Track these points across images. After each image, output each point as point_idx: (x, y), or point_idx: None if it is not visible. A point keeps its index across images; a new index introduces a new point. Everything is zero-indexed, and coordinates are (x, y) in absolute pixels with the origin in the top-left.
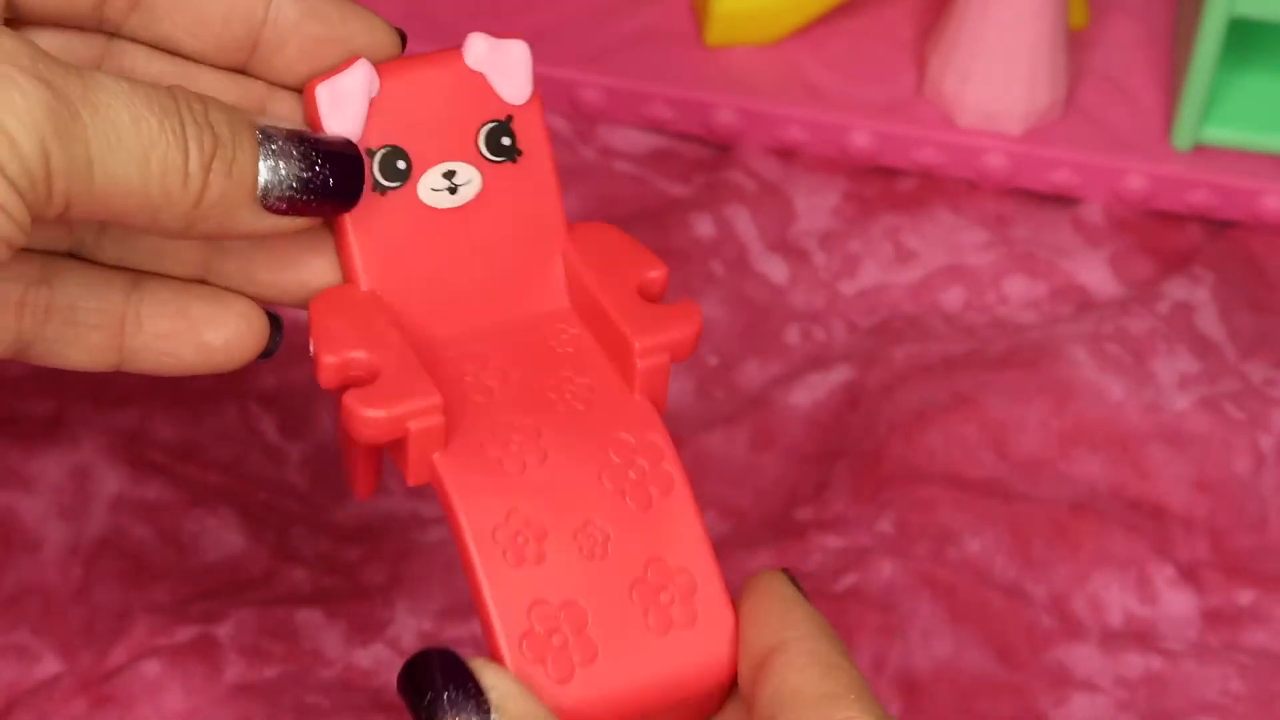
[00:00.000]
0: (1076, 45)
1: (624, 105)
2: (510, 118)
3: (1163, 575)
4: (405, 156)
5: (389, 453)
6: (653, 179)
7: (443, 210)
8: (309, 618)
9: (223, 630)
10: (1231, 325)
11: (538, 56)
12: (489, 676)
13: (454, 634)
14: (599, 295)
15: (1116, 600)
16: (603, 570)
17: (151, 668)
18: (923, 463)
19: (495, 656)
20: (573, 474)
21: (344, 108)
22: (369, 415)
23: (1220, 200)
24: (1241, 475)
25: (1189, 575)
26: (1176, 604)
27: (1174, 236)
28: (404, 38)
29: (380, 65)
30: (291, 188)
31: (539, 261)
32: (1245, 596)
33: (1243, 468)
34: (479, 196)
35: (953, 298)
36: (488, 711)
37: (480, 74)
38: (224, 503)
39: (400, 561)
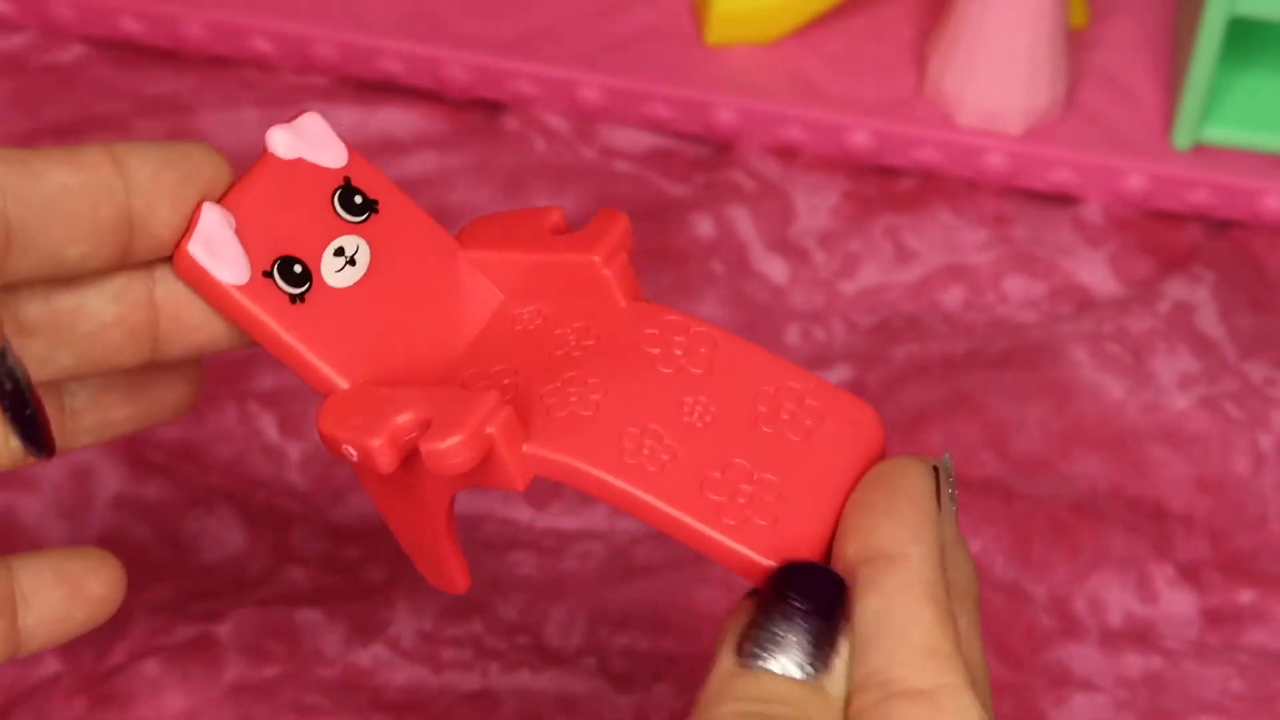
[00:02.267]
0: (1077, 45)
1: (624, 105)
2: (347, 179)
3: (1163, 575)
4: (295, 260)
5: (481, 483)
6: (652, 179)
7: (356, 285)
8: (309, 618)
9: (223, 630)
10: (1231, 325)
11: (538, 56)
12: (846, 641)
13: (454, 634)
14: (526, 257)
15: (1116, 600)
16: (721, 429)
17: (151, 667)
18: None
19: (706, 549)
20: (636, 383)
21: (221, 252)
22: (449, 445)
23: (1220, 200)
24: (1241, 475)
25: (1189, 575)
26: (1176, 603)
27: (1174, 236)
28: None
29: (221, 200)
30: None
31: (456, 278)
32: (1245, 596)
33: (1243, 467)
34: (374, 256)
35: (953, 297)
36: (826, 667)
37: (299, 159)
38: (224, 503)
39: (400, 561)
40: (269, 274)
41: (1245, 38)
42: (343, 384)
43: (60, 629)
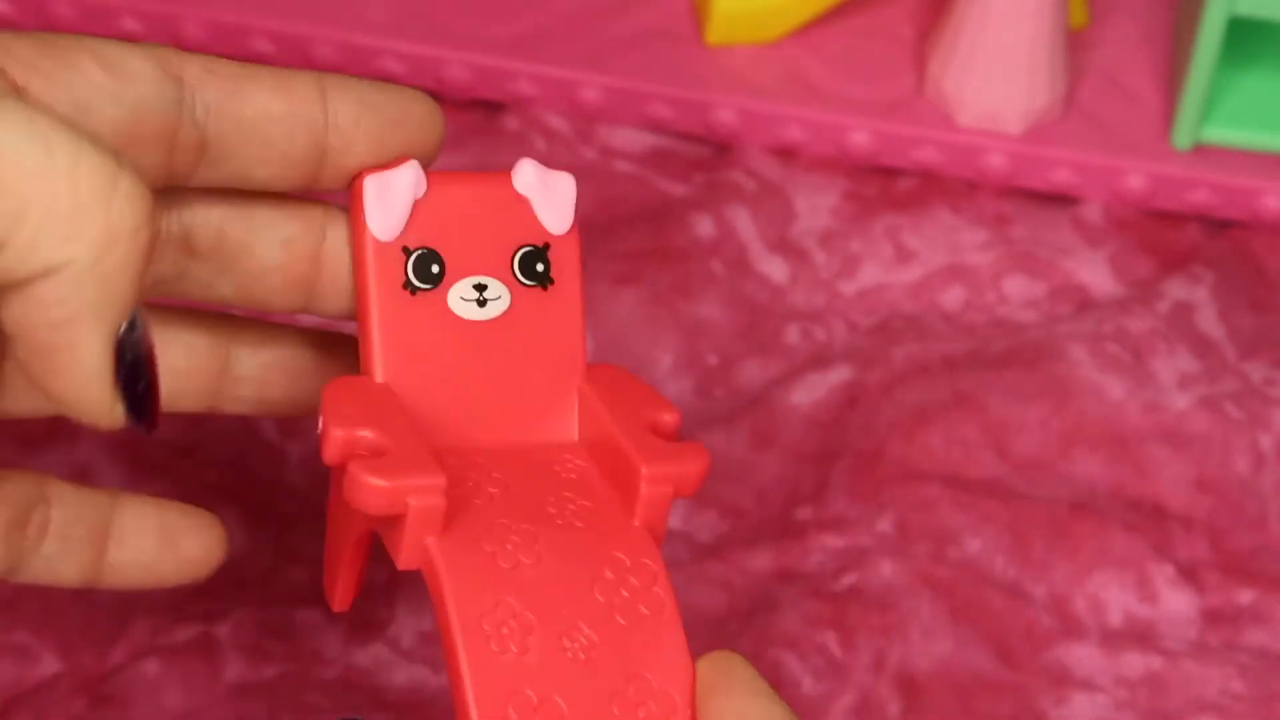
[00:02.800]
0: (1076, 44)
1: (624, 105)
2: (548, 245)
3: (1163, 575)
4: (440, 261)
5: (382, 535)
6: (652, 179)
7: (468, 321)
8: (309, 618)
9: (223, 630)
10: (1231, 325)
11: (538, 56)
12: None
13: None
14: (614, 425)
15: (1116, 600)
16: (586, 676)
17: (151, 667)
18: (923, 463)
19: None
20: (565, 580)
21: (389, 202)
22: (372, 483)
23: (1220, 200)
24: (1241, 475)
25: (1189, 575)
26: (1176, 604)
27: (1174, 236)
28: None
29: (430, 173)
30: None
31: (553, 390)
32: (1245, 596)
33: (1243, 467)
34: (505, 315)
35: (952, 297)
36: None
37: (525, 198)
38: (224, 503)
39: None
40: (408, 251)
41: (1245, 38)
42: (379, 378)
43: (145, 575)
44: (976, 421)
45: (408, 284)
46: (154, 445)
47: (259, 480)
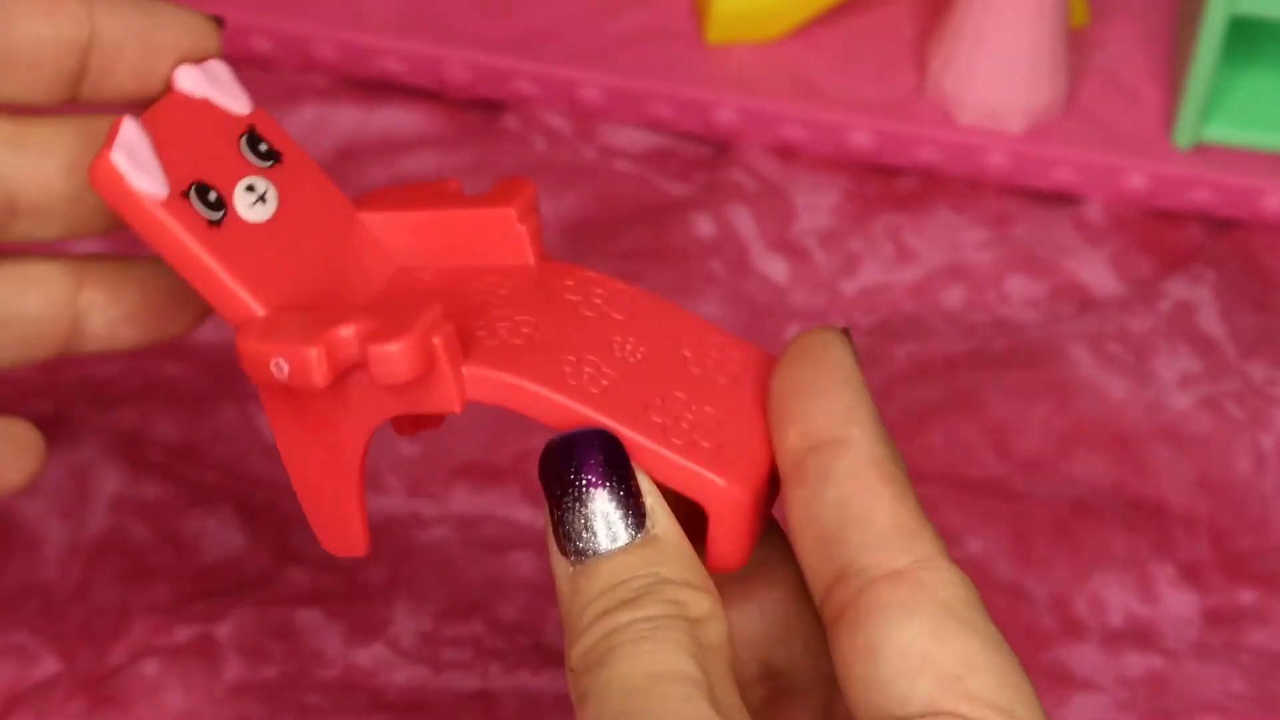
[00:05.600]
0: (1077, 43)
1: (624, 104)
2: (252, 126)
3: (1164, 575)
4: (210, 187)
5: (410, 407)
6: (653, 178)
7: (267, 222)
8: (309, 618)
9: (222, 630)
10: (1233, 324)
11: (538, 56)
12: (643, 478)
13: (454, 634)
14: (431, 214)
15: (1117, 600)
16: (654, 366)
17: (151, 668)
18: (923, 462)
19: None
20: (564, 321)
21: (142, 162)
22: (395, 350)
23: (1221, 199)
24: (1243, 475)
25: (1190, 575)
26: (1177, 603)
27: (1175, 235)
28: (220, 23)
29: (139, 118)
30: None
31: (355, 237)
32: (1246, 596)
33: (1244, 467)
34: (281, 201)
35: (953, 297)
36: (643, 514)
37: (206, 99)
38: (224, 503)
39: (400, 561)
40: (186, 194)
41: (1246, 37)
42: (260, 311)
43: None
44: (977, 421)
45: (210, 221)
46: (154, 446)
47: (259, 480)
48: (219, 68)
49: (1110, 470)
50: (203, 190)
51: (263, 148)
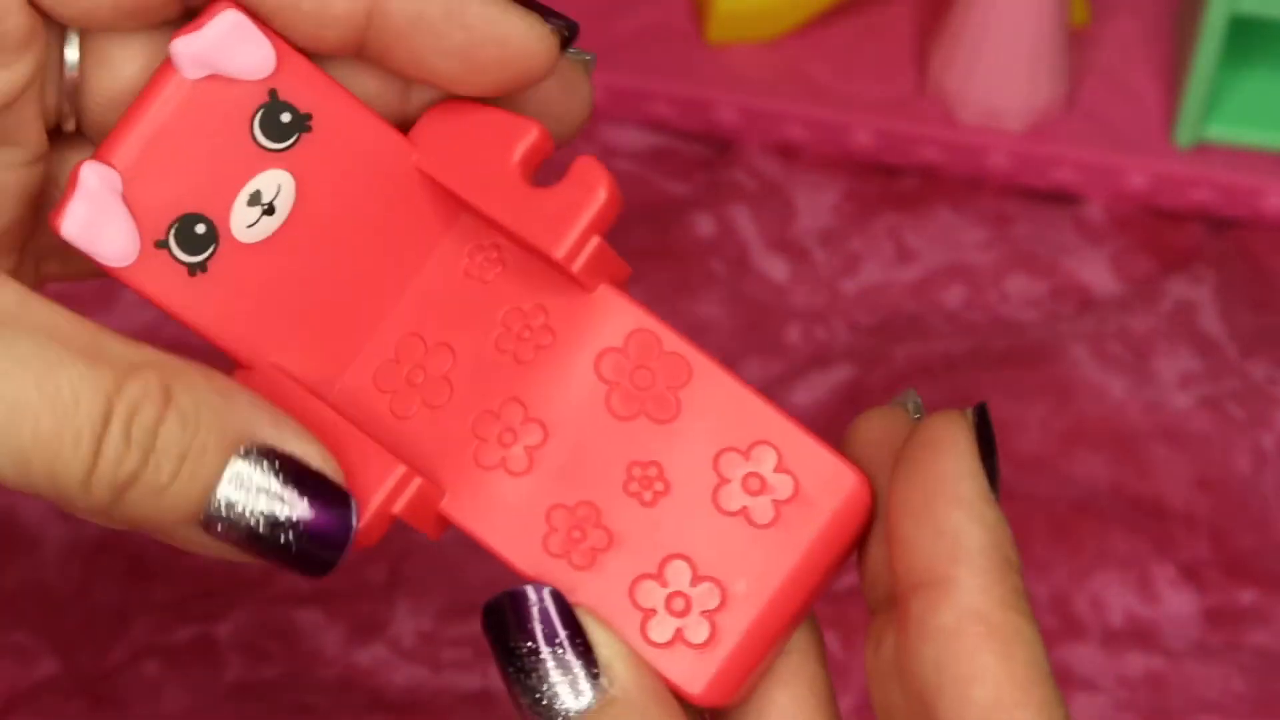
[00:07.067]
0: (1078, 43)
1: (625, 103)
2: (273, 91)
3: (1164, 575)
4: (199, 218)
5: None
6: (653, 177)
7: (273, 236)
8: (309, 618)
9: (222, 630)
10: (1233, 324)
11: None
12: (597, 631)
13: (454, 634)
14: (479, 207)
15: (1118, 600)
16: (672, 509)
17: (151, 667)
18: None
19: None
20: (582, 435)
21: (102, 227)
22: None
23: (1222, 199)
24: (1243, 474)
25: (1190, 575)
26: (1177, 603)
27: (1175, 235)
28: (573, 30)
29: (104, 145)
30: (244, 531)
31: (404, 194)
32: (1246, 596)
33: (1244, 467)
34: (299, 192)
35: (954, 296)
36: (596, 674)
37: (211, 76)
38: None
39: (400, 561)
40: (164, 243)
41: (1247, 36)
42: (248, 360)
43: None
44: None
45: (190, 268)
46: None
47: None
48: (226, 21)
49: (1110, 470)
50: (189, 225)
51: (284, 119)
